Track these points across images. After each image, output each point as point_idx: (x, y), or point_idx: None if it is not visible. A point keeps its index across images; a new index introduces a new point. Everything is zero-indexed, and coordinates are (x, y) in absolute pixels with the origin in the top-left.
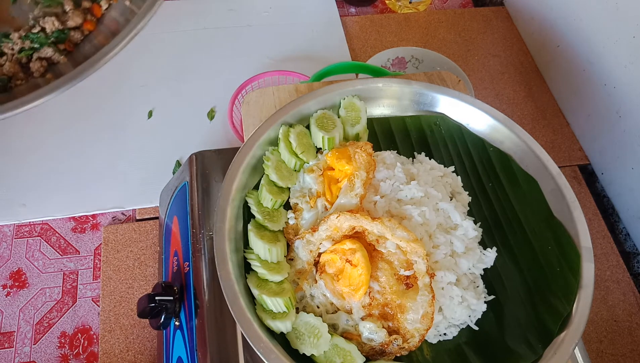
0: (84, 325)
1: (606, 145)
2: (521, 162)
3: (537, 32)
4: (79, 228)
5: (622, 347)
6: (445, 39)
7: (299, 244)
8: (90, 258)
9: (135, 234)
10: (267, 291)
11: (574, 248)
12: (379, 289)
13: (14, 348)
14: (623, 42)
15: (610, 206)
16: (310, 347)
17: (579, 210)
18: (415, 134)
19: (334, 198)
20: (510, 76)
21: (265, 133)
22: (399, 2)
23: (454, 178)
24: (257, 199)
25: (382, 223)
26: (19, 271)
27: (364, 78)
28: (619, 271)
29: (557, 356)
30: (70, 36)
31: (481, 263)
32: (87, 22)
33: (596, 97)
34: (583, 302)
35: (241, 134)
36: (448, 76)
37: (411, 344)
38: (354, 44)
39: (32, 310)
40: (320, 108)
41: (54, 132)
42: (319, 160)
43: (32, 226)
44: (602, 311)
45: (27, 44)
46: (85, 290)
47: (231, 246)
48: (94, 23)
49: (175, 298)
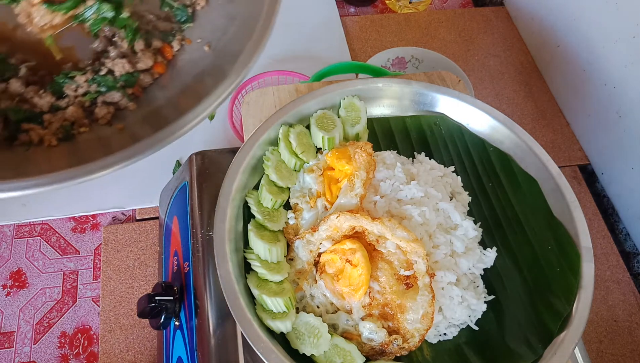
0: (84, 325)
1: (606, 145)
2: (521, 162)
3: (537, 32)
4: (79, 228)
5: (622, 347)
6: (445, 39)
7: (299, 244)
8: (90, 258)
9: (135, 234)
10: (267, 291)
11: (574, 248)
12: (379, 289)
13: (14, 348)
14: (623, 42)
15: (610, 206)
16: (310, 347)
17: (579, 210)
18: (415, 134)
19: (334, 198)
20: (510, 76)
21: (265, 133)
22: (399, 2)
23: (454, 178)
24: (257, 199)
25: (382, 223)
26: (19, 271)
27: (364, 78)
28: (619, 271)
29: (557, 356)
30: (139, 80)
31: (481, 263)
32: (157, 64)
33: (596, 97)
34: (583, 302)
35: (241, 134)
36: (448, 76)
37: (411, 344)
38: (354, 44)
39: (32, 310)
40: (320, 108)
41: None
42: (319, 160)
43: (32, 226)
44: (602, 311)
45: (93, 87)
46: (85, 290)
47: (231, 246)
48: (164, 65)
49: (175, 298)
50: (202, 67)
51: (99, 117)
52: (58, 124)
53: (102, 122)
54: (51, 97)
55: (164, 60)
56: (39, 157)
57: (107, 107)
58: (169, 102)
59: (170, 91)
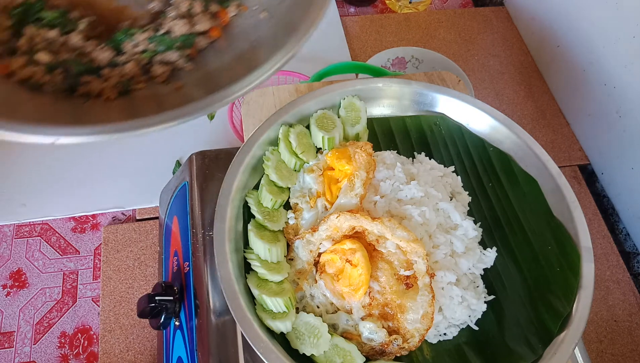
0: (84, 325)
1: (606, 145)
2: (521, 162)
3: (537, 32)
4: (79, 228)
5: (622, 347)
6: (445, 39)
7: (299, 244)
8: (90, 258)
9: (135, 234)
10: (267, 291)
11: (574, 248)
12: (379, 289)
13: (14, 348)
14: (623, 42)
15: (610, 206)
16: (310, 347)
17: (579, 210)
18: (415, 134)
19: (334, 198)
20: (510, 76)
21: (265, 133)
22: (399, 2)
23: (454, 178)
24: (257, 199)
25: (382, 223)
26: (19, 271)
27: (364, 78)
28: (619, 271)
29: (557, 356)
30: (196, 42)
31: (481, 263)
32: (214, 28)
33: (596, 97)
34: (583, 302)
35: (241, 134)
36: (448, 76)
37: (411, 344)
38: (354, 44)
39: (32, 310)
40: (320, 108)
41: None
42: (319, 160)
43: (32, 226)
44: (602, 311)
45: (151, 45)
46: (85, 290)
47: (231, 246)
48: (219, 30)
49: (175, 298)
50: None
51: (156, 75)
52: (116, 79)
53: (158, 81)
54: (110, 52)
55: (220, 24)
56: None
57: (164, 66)
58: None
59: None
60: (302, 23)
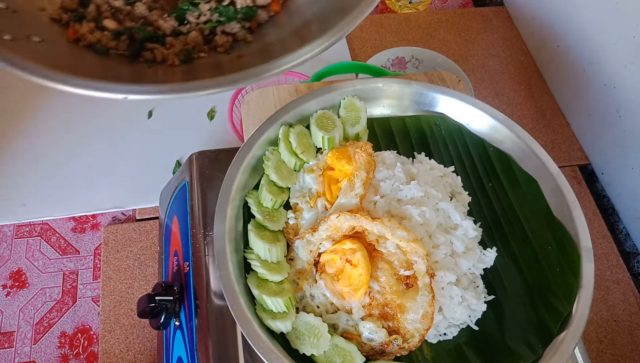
0: (84, 325)
1: (606, 145)
2: (521, 162)
3: (537, 32)
4: (79, 228)
5: (622, 347)
6: (445, 39)
7: (299, 244)
8: (90, 258)
9: (135, 234)
10: (267, 291)
11: (574, 248)
12: (379, 289)
13: (14, 348)
14: (623, 42)
15: (610, 206)
16: (310, 347)
17: (579, 210)
18: (415, 134)
19: (334, 198)
20: (510, 76)
21: (265, 133)
22: (399, 2)
23: (454, 178)
24: (257, 199)
25: (382, 223)
26: (19, 271)
27: (364, 78)
28: (619, 271)
29: (557, 356)
30: (257, 15)
31: (481, 263)
32: (274, 2)
33: (596, 97)
34: (583, 302)
35: (241, 134)
36: (448, 76)
37: (411, 344)
38: (354, 44)
39: (32, 310)
40: (320, 108)
41: (54, 132)
42: (319, 160)
43: (32, 226)
44: (602, 311)
45: (214, 16)
46: (85, 290)
47: (231, 246)
48: (279, 4)
49: (175, 298)
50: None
51: (218, 44)
52: (179, 47)
53: (220, 50)
54: (174, 22)
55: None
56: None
57: (226, 36)
58: (279, 40)
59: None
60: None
